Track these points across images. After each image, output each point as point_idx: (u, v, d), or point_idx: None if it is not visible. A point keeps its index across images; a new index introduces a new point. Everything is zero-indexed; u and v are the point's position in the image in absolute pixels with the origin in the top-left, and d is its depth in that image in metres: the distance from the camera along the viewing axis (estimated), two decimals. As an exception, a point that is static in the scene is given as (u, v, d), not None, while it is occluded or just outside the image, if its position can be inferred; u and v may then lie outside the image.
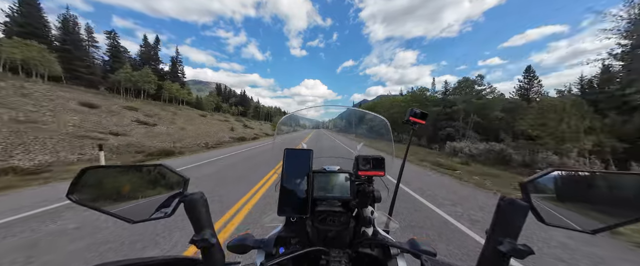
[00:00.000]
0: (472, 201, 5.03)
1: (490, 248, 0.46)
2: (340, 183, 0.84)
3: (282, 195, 0.68)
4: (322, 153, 1.16)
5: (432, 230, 3.39)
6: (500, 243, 0.44)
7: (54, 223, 3.43)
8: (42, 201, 4.45)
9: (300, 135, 8.43)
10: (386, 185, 1.06)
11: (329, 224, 0.77)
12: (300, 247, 0.72)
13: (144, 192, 0.54)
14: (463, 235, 3.29)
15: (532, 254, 0.43)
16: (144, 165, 0.55)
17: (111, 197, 0.51)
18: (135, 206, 0.52)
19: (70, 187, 0.47)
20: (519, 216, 0.44)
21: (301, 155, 0.74)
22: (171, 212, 0.52)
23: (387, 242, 0.71)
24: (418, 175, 8.02)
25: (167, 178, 0.56)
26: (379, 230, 0.83)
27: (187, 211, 0.53)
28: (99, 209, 0.48)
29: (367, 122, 1.72)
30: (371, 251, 0.75)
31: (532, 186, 0.45)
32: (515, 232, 0.44)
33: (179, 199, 0.53)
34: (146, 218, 0.51)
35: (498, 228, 0.46)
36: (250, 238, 0.69)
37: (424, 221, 3.71)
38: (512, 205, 0.44)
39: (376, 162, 0.90)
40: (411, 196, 5.17)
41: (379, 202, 0.92)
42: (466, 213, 4.19)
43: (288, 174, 0.70)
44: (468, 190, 6.09)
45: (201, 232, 0.53)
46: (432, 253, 0.63)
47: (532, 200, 0.44)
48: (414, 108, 1.24)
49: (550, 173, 0.45)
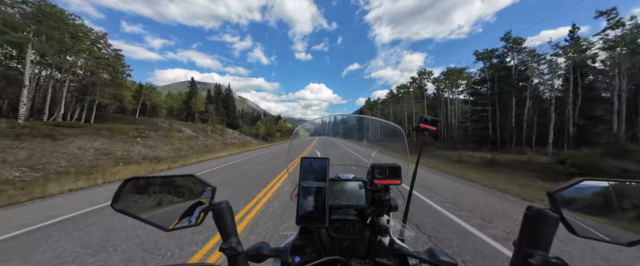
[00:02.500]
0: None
1: (520, 261, 0.44)
2: (356, 191, 0.84)
3: (300, 204, 0.68)
4: (334, 161, 1.18)
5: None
6: (531, 256, 0.42)
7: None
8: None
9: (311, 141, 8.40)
10: (402, 193, 1.05)
11: (345, 233, 0.77)
12: (315, 256, 0.72)
13: (176, 200, 0.58)
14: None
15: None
16: (177, 176, 0.59)
17: (148, 205, 0.55)
18: (168, 214, 0.55)
19: (114, 197, 0.51)
20: (549, 227, 0.42)
21: (318, 164, 0.73)
22: (200, 221, 0.56)
23: (406, 252, 0.71)
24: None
25: (196, 188, 0.59)
26: (395, 238, 0.83)
27: (215, 220, 0.56)
28: (137, 217, 0.52)
29: (381, 129, 1.72)
30: (389, 261, 0.73)
31: (561, 196, 0.44)
32: (546, 244, 0.42)
33: (207, 208, 0.56)
34: (178, 226, 0.54)
35: (526, 239, 0.44)
36: (266, 247, 0.69)
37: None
38: (541, 215, 0.43)
39: (392, 171, 0.89)
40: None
41: (395, 211, 0.91)
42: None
43: (305, 183, 0.70)
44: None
45: (228, 240, 0.55)
46: (453, 263, 0.61)
47: (561, 210, 0.43)
48: (423, 114, 1.24)
49: (579, 182, 0.44)
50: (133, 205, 0.53)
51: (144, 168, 11.25)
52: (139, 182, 0.56)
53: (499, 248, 3.03)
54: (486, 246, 3.07)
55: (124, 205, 0.52)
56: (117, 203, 0.51)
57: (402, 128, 1.26)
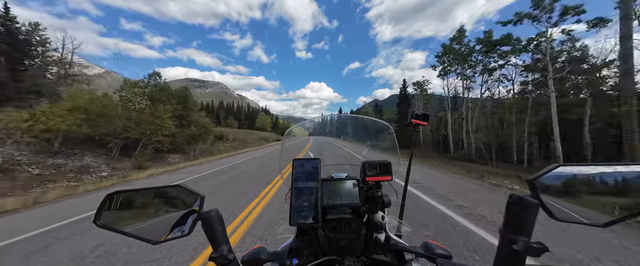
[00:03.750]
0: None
1: (505, 248, 0.46)
2: (349, 190, 0.85)
3: (293, 205, 0.69)
4: (327, 161, 1.18)
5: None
6: (514, 242, 0.44)
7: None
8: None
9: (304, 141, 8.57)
10: (395, 189, 1.06)
11: (341, 232, 0.77)
12: (313, 257, 0.72)
13: (163, 212, 0.56)
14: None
15: (547, 251, 0.42)
16: (162, 187, 0.57)
17: (133, 219, 0.54)
18: (155, 227, 0.54)
19: (96, 214, 0.49)
20: (530, 214, 0.44)
21: (309, 164, 0.74)
22: (189, 231, 0.54)
23: (401, 247, 0.71)
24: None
25: (184, 197, 0.58)
26: (391, 234, 0.83)
27: (205, 229, 0.54)
28: (122, 232, 0.50)
29: (370, 127, 1.74)
30: (385, 257, 0.74)
31: (539, 182, 0.46)
32: (528, 230, 0.44)
33: (196, 217, 0.55)
34: (166, 238, 0.53)
35: (510, 226, 0.46)
36: (263, 251, 0.69)
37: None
38: (522, 202, 0.44)
39: (382, 167, 0.91)
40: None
41: (388, 207, 0.92)
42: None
43: (297, 184, 0.71)
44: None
45: (219, 248, 0.54)
46: (448, 256, 0.63)
47: (541, 197, 0.45)
48: (415, 110, 1.26)
49: (555, 168, 0.45)
50: (117, 220, 0.52)
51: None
52: (123, 196, 0.54)
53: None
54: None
55: (107, 221, 0.50)
56: (100, 219, 0.49)
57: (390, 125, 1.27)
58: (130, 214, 0.54)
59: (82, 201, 6.10)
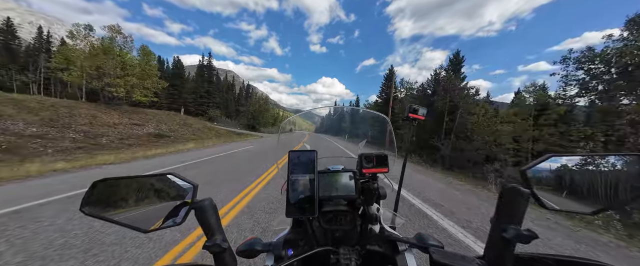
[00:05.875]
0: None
1: (495, 236, 0.47)
2: (345, 182, 0.85)
3: (289, 196, 0.69)
4: (324, 154, 1.18)
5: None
6: (505, 230, 0.45)
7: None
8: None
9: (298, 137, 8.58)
10: (390, 182, 1.07)
11: (336, 223, 0.78)
12: (308, 248, 0.73)
13: (155, 200, 0.55)
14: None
15: (536, 238, 0.44)
16: (153, 174, 0.56)
17: (122, 207, 0.53)
18: (146, 215, 0.53)
19: (83, 201, 0.48)
20: (521, 203, 0.45)
21: (305, 156, 0.74)
22: (182, 220, 0.54)
23: (395, 238, 0.72)
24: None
25: (176, 186, 0.57)
26: (386, 226, 0.84)
27: (198, 218, 0.54)
28: (111, 220, 0.49)
29: (369, 120, 1.74)
30: (379, 247, 0.75)
31: (531, 172, 0.46)
32: (519, 218, 0.45)
33: (189, 206, 0.54)
34: (158, 227, 0.52)
35: (502, 215, 0.47)
36: (258, 242, 0.70)
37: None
38: (514, 192, 0.45)
39: (379, 159, 0.90)
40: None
41: (384, 199, 0.92)
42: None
43: (294, 176, 0.71)
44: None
45: (213, 238, 0.54)
46: (440, 246, 0.64)
47: (532, 186, 0.46)
48: (412, 104, 1.26)
49: (548, 158, 0.46)
50: (105, 208, 0.51)
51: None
52: (111, 184, 0.53)
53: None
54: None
55: (95, 209, 0.49)
56: (86, 206, 0.48)
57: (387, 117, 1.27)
58: (120, 202, 0.53)
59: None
